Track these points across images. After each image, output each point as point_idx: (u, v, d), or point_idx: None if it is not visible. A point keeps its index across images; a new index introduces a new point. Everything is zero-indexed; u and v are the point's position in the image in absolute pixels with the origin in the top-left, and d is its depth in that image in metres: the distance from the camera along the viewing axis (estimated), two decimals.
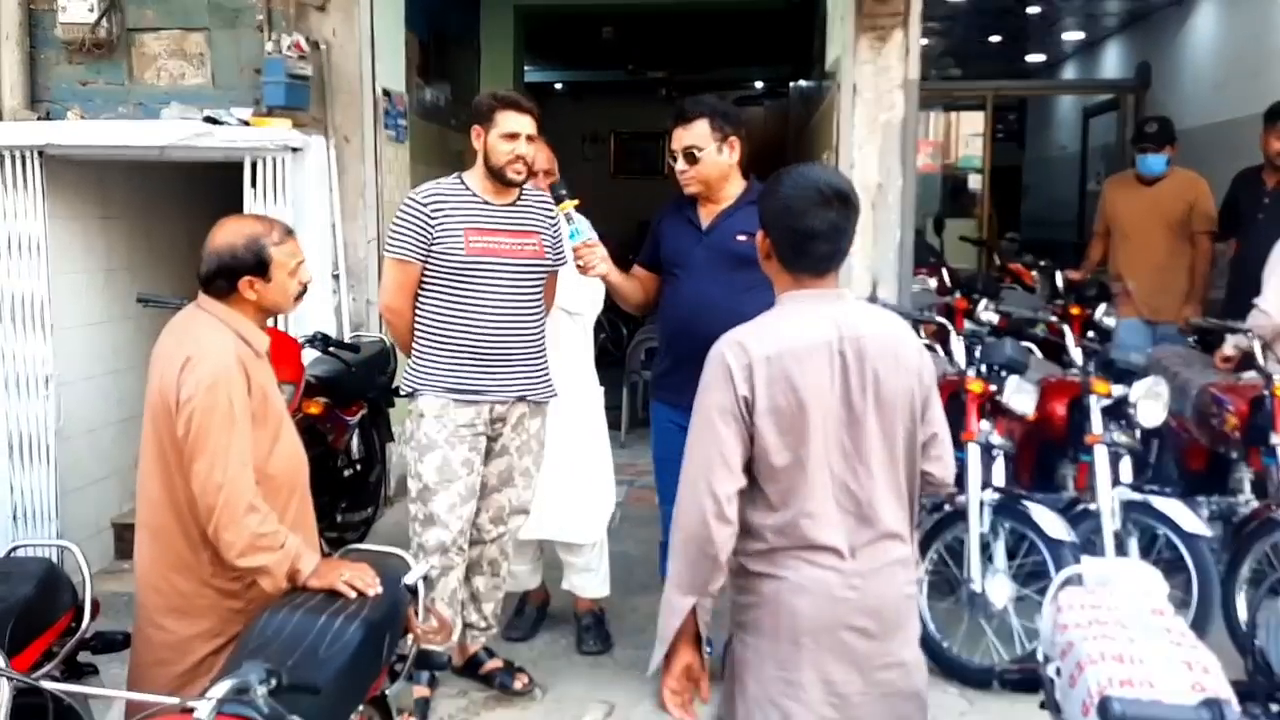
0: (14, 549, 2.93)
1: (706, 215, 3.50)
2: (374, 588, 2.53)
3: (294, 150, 4.86)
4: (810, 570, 2.23)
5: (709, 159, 3.43)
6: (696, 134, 3.42)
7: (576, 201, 3.46)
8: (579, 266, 3.45)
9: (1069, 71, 11.78)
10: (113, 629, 2.84)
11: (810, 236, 2.24)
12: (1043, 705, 2.46)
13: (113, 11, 5.04)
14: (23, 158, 4.69)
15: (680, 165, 3.45)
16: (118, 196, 5.25)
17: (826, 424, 2.21)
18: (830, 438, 2.22)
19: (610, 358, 7.86)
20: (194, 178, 5.35)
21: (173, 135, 4.68)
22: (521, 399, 3.56)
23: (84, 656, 2.77)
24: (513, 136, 3.42)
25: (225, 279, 2.67)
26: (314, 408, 4.27)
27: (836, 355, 2.22)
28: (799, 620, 2.24)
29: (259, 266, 2.66)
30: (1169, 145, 5.56)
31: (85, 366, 5.03)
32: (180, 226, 5.44)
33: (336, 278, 5.12)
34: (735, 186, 3.51)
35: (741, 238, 3.38)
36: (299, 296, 2.81)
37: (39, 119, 5.03)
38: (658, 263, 3.61)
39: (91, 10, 4.97)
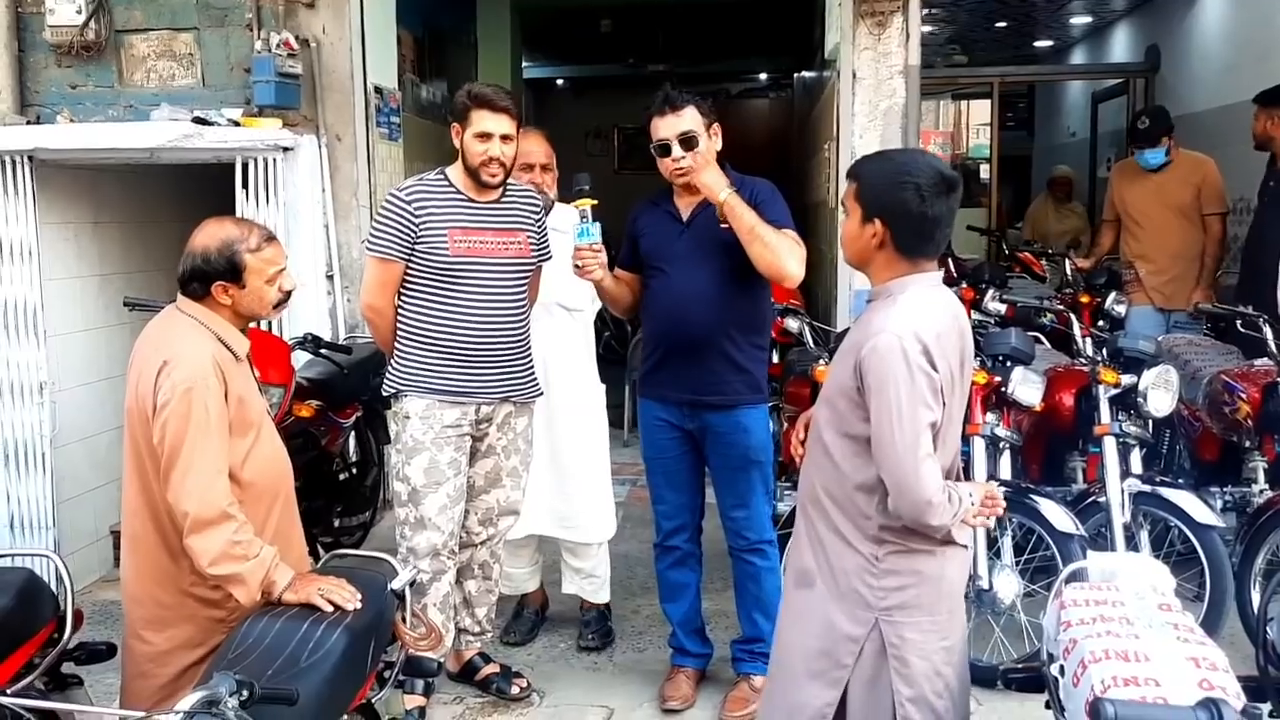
0: None
1: (686, 206, 3.39)
2: (352, 602, 2.46)
3: (285, 150, 4.81)
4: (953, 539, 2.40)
5: (703, 144, 3.30)
6: (691, 120, 3.27)
7: (595, 202, 3.33)
8: (577, 267, 3.34)
9: (1077, 57, 11.65)
10: (99, 640, 2.80)
11: (938, 223, 2.34)
12: (1048, 705, 2.39)
13: (100, 13, 5.00)
14: (12, 162, 4.64)
15: (677, 153, 3.27)
16: (111, 201, 5.21)
17: (960, 396, 2.41)
18: (955, 407, 2.40)
19: (613, 355, 7.78)
20: (187, 181, 5.30)
21: (162, 137, 4.63)
22: (507, 399, 3.49)
23: (69, 668, 2.72)
24: (485, 137, 3.31)
25: (199, 282, 2.63)
26: (305, 411, 4.20)
27: (962, 335, 2.40)
28: (955, 587, 2.43)
29: (231, 272, 2.61)
30: (1164, 137, 5.48)
31: (80, 373, 4.99)
32: (174, 230, 5.37)
33: (330, 278, 5.07)
34: None
35: (725, 225, 3.29)
36: (279, 304, 2.74)
37: (28, 123, 4.99)
38: (637, 264, 3.48)
39: (79, 12, 4.93)
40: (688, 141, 3.27)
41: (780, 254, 3.19)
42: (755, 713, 3.48)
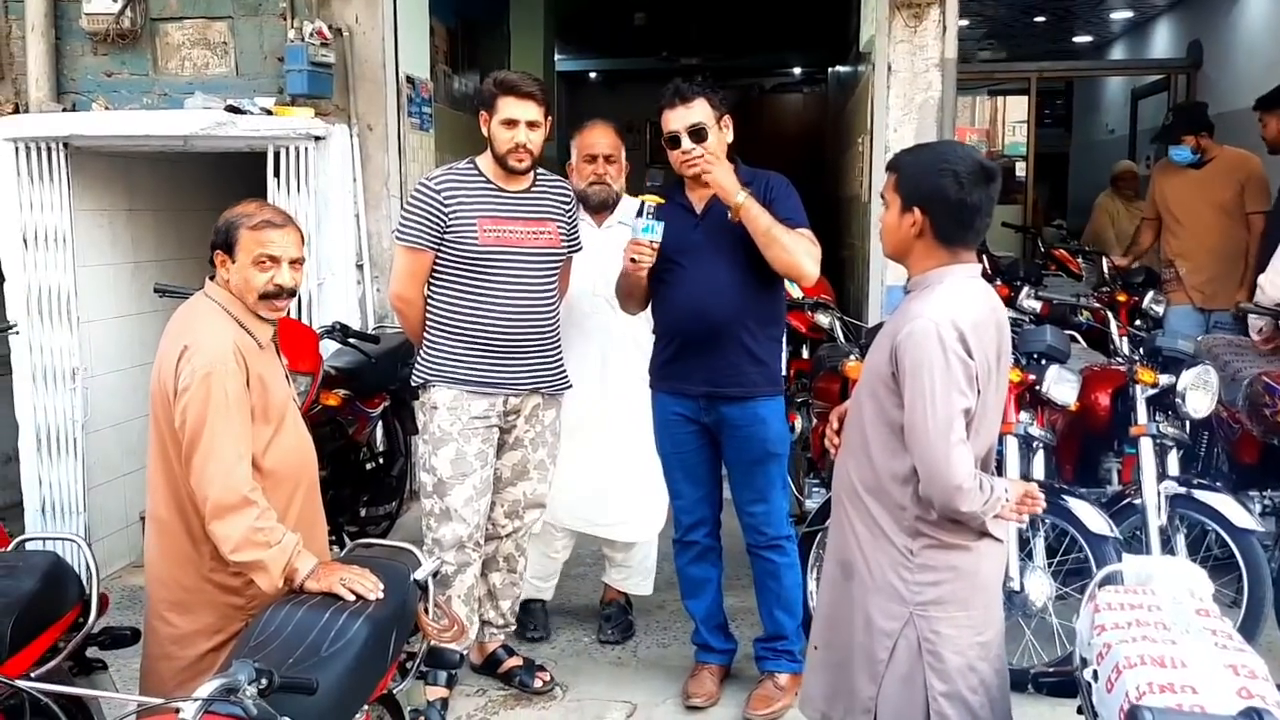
0: (21, 542, 2.89)
1: (699, 200, 3.36)
2: (374, 592, 2.45)
3: (317, 139, 4.81)
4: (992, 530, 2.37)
5: (714, 136, 3.27)
6: (701, 112, 3.25)
7: (661, 200, 3.29)
8: (631, 260, 3.26)
9: (1117, 52, 11.48)
10: (123, 625, 2.80)
11: (976, 212, 2.34)
12: (1080, 710, 2.34)
13: (136, 1, 5.02)
14: (48, 149, 4.68)
15: (686, 144, 3.25)
16: (145, 189, 5.24)
17: (995, 387, 2.37)
18: (991, 398, 2.38)
19: None
20: (221, 169, 5.32)
21: (195, 125, 4.65)
22: (536, 390, 3.47)
23: (94, 652, 2.73)
24: (511, 123, 3.30)
25: (210, 250, 2.67)
26: (333, 400, 4.20)
27: (999, 327, 2.38)
28: (991, 582, 2.43)
29: (226, 244, 2.64)
30: (1186, 136, 5.41)
31: (112, 359, 5.03)
32: (207, 219, 5.30)
33: (360, 268, 5.07)
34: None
35: (739, 222, 3.27)
36: (268, 296, 2.64)
37: (64, 110, 5.03)
38: None
39: (115, 0, 4.95)
40: (697, 134, 3.25)
41: (797, 255, 3.20)
42: (779, 711, 3.46)
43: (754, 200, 3.18)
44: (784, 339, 3.58)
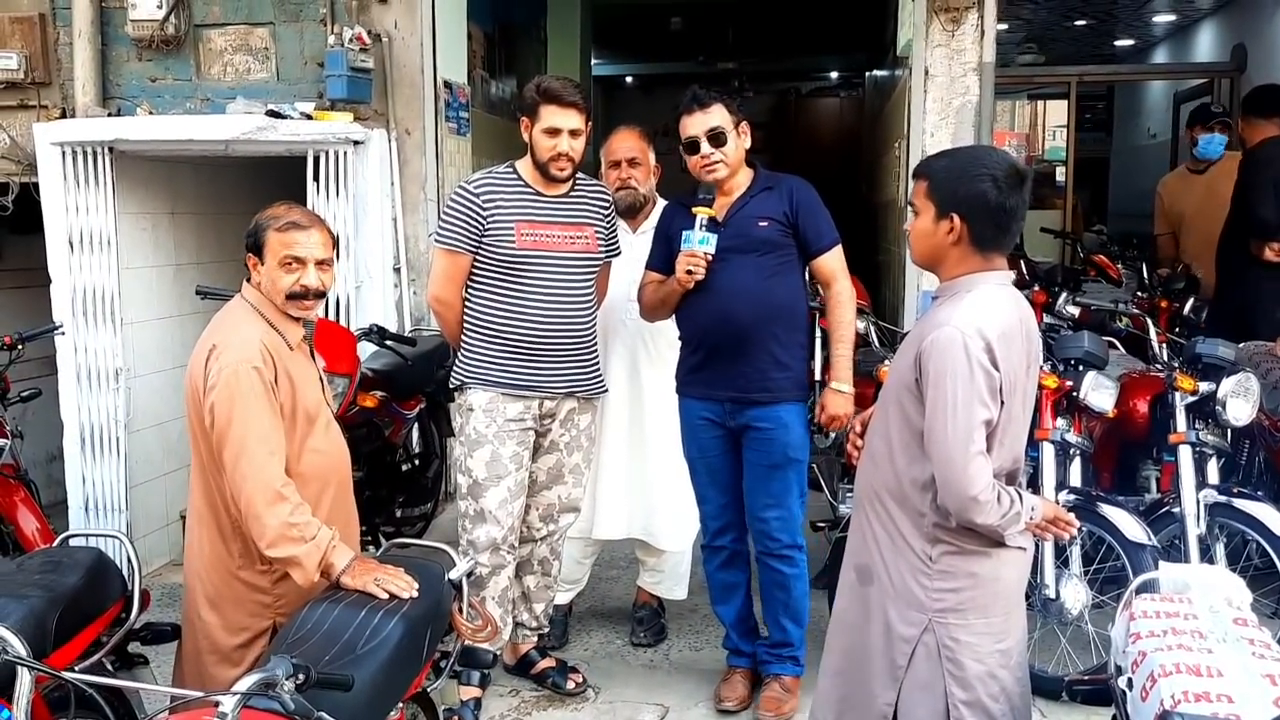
0: (67, 538, 2.95)
1: (720, 207, 3.39)
2: (409, 591, 2.48)
3: (356, 143, 4.86)
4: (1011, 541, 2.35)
5: (733, 142, 3.32)
6: (719, 116, 3.30)
7: (713, 212, 3.33)
8: (687, 272, 3.30)
9: (1160, 56, 11.35)
10: (164, 620, 2.86)
11: (1013, 215, 2.33)
12: (1115, 719, 2.32)
13: (180, 8, 5.10)
14: (93, 153, 4.77)
15: (705, 149, 3.30)
16: (187, 192, 5.32)
17: (1022, 398, 2.36)
18: (1024, 410, 2.39)
19: None
20: (262, 173, 5.40)
21: (236, 130, 4.72)
22: (571, 394, 3.49)
23: (136, 647, 2.78)
24: (554, 132, 3.33)
25: (245, 253, 2.71)
26: (370, 401, 4.25)
27: (1029, 337, 2.36)
28: (1012, 589, 2.40)
29: (255, 246, 2.68)
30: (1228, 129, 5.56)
31: (154, 360, 5.11)
32: (247, 222, 5.44)
33: (397, 271, 5.11)
34: (744, 175, 3.41)
35: (763, 223, 3.32)
36: (295, 297, 2.65)
37: (110, 115, 5.11)
38: (672, 266, 3.42)
39: (160, 7, 5.03)
40: (716, 138, 3.30)
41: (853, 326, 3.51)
42: (789, 712, 3.47)
43: (843, 379, 3.40)
44: (811, 344, 3.57)
